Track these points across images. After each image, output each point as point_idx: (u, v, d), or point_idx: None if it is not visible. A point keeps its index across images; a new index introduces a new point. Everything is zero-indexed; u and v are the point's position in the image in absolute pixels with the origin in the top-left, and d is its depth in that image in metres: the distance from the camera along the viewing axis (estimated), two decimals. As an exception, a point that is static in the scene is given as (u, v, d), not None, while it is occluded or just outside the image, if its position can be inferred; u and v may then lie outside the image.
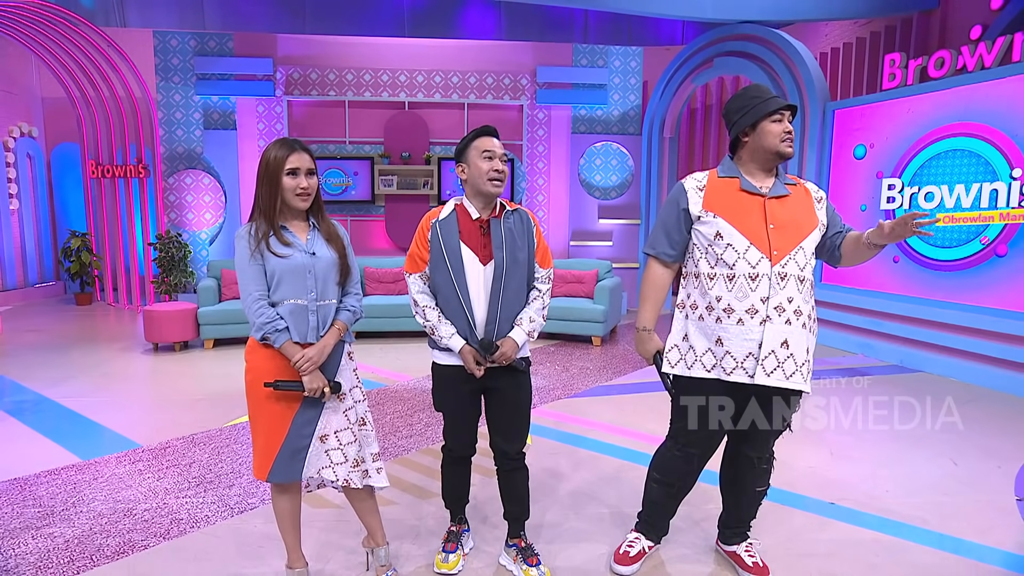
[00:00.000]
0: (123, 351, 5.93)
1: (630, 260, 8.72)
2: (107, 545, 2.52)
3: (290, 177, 1.97)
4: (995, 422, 4.04)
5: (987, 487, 3.13)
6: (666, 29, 8.27)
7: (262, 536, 2.60)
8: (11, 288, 8.69)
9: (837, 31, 7.75)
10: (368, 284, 6.79)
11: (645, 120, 8.41)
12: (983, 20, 6.04)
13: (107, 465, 3.31)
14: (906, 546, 2.57)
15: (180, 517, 2.76)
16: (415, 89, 8.48)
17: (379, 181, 8.31)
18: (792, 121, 2.09)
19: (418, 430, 3.86)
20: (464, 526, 2.50)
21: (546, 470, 3.26)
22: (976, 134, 5.03)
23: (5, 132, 8.58)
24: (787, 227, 2.06)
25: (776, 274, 2.03)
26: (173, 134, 8.40)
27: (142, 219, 8.33)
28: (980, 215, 5.03)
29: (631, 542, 2.41)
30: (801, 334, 2.05)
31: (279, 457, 2.02)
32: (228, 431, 3.80)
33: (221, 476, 3.17)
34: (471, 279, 2.13)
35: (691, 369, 2.14)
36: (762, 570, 2.31)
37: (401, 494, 2.99)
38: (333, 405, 2.06)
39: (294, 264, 1.99)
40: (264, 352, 2.00)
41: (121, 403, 4.39)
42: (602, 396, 4.61)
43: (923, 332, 5.30)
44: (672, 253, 2.20)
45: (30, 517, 2.75)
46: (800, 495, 3.00)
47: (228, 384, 4.82)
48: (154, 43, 8.18)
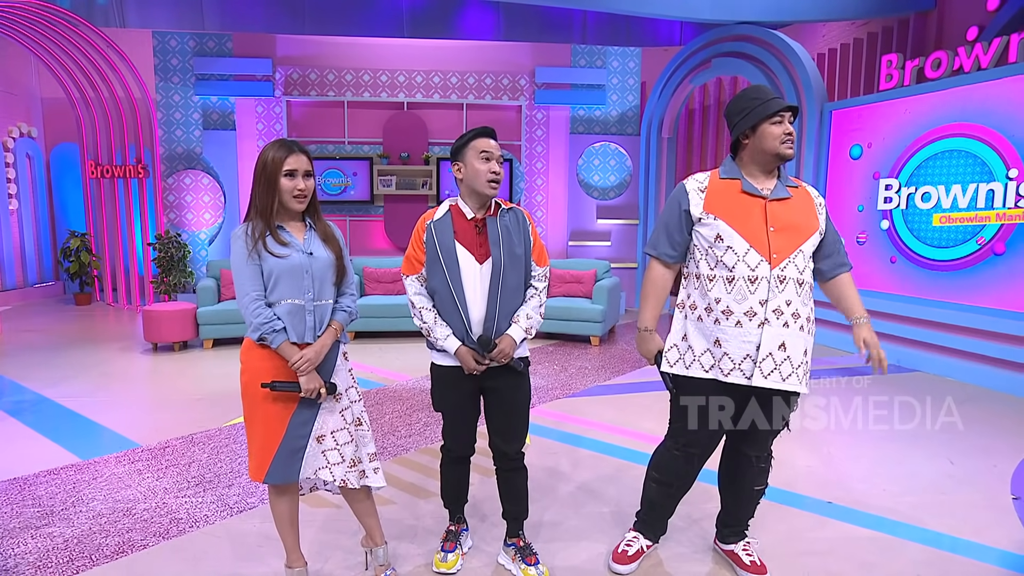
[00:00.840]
0: (122, 351, 5.94)
1: (628, 260, 8.74)
2: (106, 545, 2.53)
3: (288, 178, 1.97)
4: (992, 421, 4.05)
5: (983, 486, 3.14)
6: (664, 30, 8.29)
7: (261, 536, 2.60)
8: (10, 288, 8.68)
9: (834, 32, 7.77)
10: (367, 284, 6.79)
11: (643, 120, 8.42)
12: (979, 21, 6.06)
13: (106, 465, 3.31)
14: (903, 544, 2.58)
15: (179, 517, 2.76)
16: (414, 89, 8.50)
17: (378, 181, 8.32)
18: (793, 122, 2.10)
19: (417, 429, 3.87)
20: (463, 525, 2.50)
21: (545, 469, 3.27)
22: (973, 135, 5.05)
23: (4, 132, 8.57)
24: (788, 230, 2.07)
25: (775, 277, 2.04)
26: (172, 134, 8.40)
27: (141, 219, 8.34)
28: (976, 215, 5.04)
29: (629, 541, 2.42)
30: (799, 336, 2.06)
31: (276, 458, 2.01)
32: (227, 431, 3.81)
33: (220, 476, 3.18)
34: (467, 278, 2.14)
35: (689, 369, 2.15)
36: (760, 568, 2.32)
37: (400, 493, 3.00)
38: (329, 406, 2.06)
39: (291, 264, 1.99)
40: (260, 352, 2.00)
41: (120, 403, 4.40)
42: (600, 396, 4.62)
43: (920, 332, 5.32)
44: (673, 254, 2.21)
45: (29, 517, 2.75)
46: (798, 494, 3.01)
47: (227, 384, 4.83)
48: (153, 43, 8.18)
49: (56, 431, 3.83)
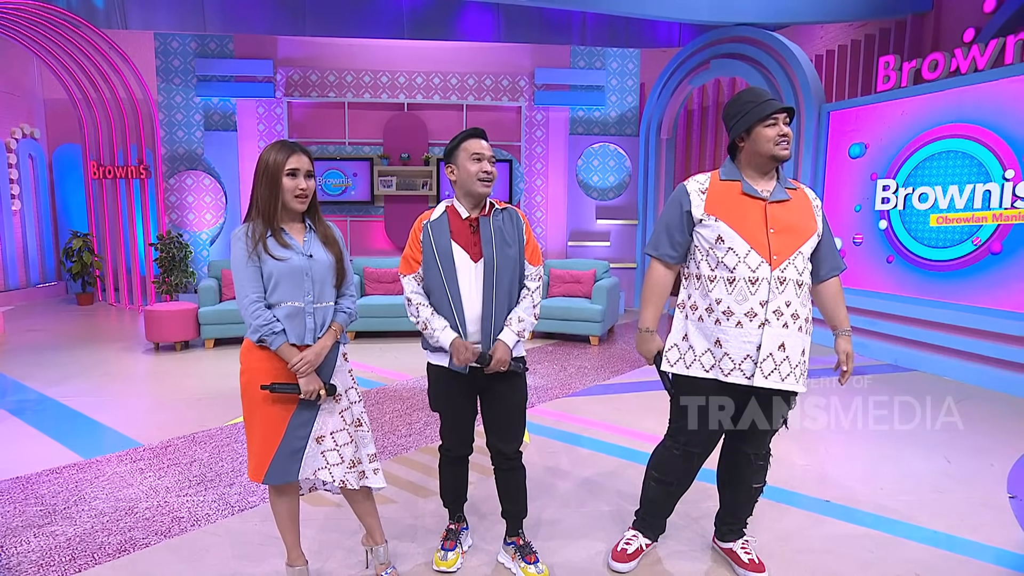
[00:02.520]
0: (124, 351, 5.96)
1: (627, 260, 8.76)
2: (108, 543, 2.54)
3: (290, 178, 1.98)
4: (988, 420, 4.07)
5: (980, 484, 3.16)
6: (663, 31, 8.32)
7: (262, 534, 2.62)
8: (13, 288, 8.71)
9: (832, 33, 7.79)
10: (367, 284, 6.82)
11: (642, 121, 8.45)
12: (976, 23, 6.08)
13: (108, 464, 3.33)
14: (900, 542, 2.60)
15: (181, 516, 2.78)
16: (414, 90, 8.52)
17: (378, 182, 8.34)
18: (790, 123, 2.12)
19: (417, 429, 3.89)
20: (463, 524, 2.52)
21: (544, 468, 3.28)
22: (969, 135, 5.07)
23: (7, 133, 8.60)
24: (787, 232, 2.08)
25: (776, 278, 2.06)
26: (174, 135, 8.43)
27: (143, 220, 8.36)
28: (973, 216, 5.06)
29: (628, 539, 2.43)
30: (797, 337, 2.09)
31: (275, 459, 2.02)
32: (228, 430, 3.83)
33: (222, 475, 3.20)
34: (462, 276, 2.16)
35: (689, 368, 2.17)
36: (758, 567, 2.33)
37: (400, 492, 3.02)
38: (329, 407, 2.07)
39: (291, 267, 1.99)
40: (260, 354, 2.01)
41: (122, 402, 4.42)
42: (600, 395, 4.64)
43: (917, 331, 5.34)
44: (674, 254, 2.22)
45: (32, 515, 2.77)
46: (796, 492, 3.03)
47: (228, 383, 4.85)
48: (155, 45, 8.21)
49: (58, 430, 3.85)
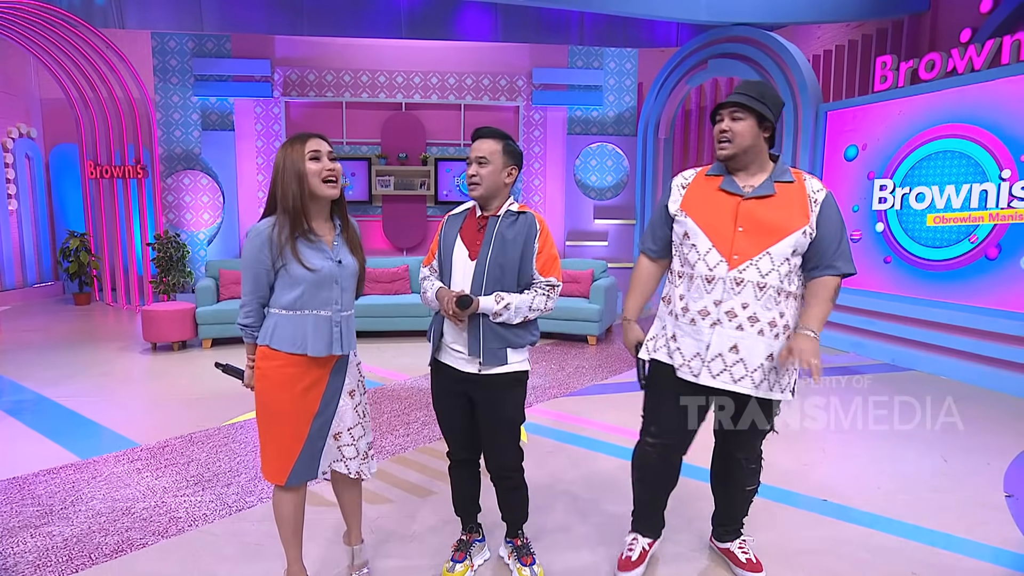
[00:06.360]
0: (121, 351, 5.95)
1: (625, 260, 8.76)
2: (105, 543, 2.54)
3: (314, 161, 1.89)
4: (985, 420, 4.08)
5: (976, 484, 3.17)
6: (661, 31, 8.32)
7: (260, 534, 2.62)
8: (10, 288, 8.69)
9: (829, 33, 7.81)
10: (366, 284, 6.78)
11: (640, 121, 8.46)
12: (973, 23, 6.10)
13: (106, 464, 3.33)
14: (897, 542, 2.61)
15: (178, 516, 2.78)
16: (412, 90, 8.52)
17: (376, 182, 8.34)
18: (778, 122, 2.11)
19: (415, 428, 3.89)
20: (475, 536, 2.40)
21: (542, 468, 3.28)
22: (966, 135, 5.08)
23: (4, 133, 8.58)
24: (758, 231, 2.00)
25: (732, 279, 2.00)
26: (171, 135, 8.41)
27: (140, 219, 8.35)
28: (970, 215, 5.08)
29: (630, 545, 2.36)
30: (756, 340, 2.00)
31: (299, 460, 1.97)
32: (226, 430, 3.82)
33: (219, 475, 3.20)
34: (456, 272, 2.16)
35: (655, 353, 2.19)
36: (756, 567, 2.33)
37: (399, 492, 3.02)
38: (347, 403, 2.06)
39: (320, 276, 1.92)
40: (278, 361, 1.93)
41: (119, 402, 4.41)
42: (598, 395, 4.64)
43: (914, 331, 5.35)
44: (655, 248, 2.25)
45: (29, 516, 2.76)
46: (793, 492, 3.03)
47: (226, 383, 4.82)
48: (152, 44, 8.19)
49: (55, 430, 3.84)
